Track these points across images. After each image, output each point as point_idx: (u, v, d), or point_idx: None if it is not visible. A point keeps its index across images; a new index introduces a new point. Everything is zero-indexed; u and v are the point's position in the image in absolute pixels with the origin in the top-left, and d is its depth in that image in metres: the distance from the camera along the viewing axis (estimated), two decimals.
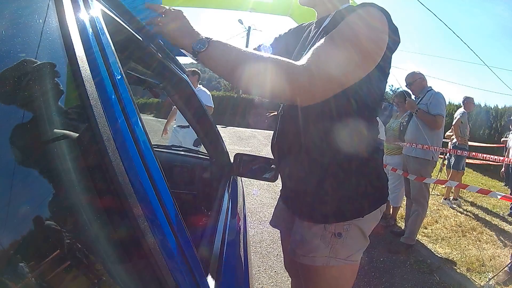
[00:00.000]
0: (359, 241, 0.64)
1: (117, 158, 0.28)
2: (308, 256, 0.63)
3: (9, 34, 0.24)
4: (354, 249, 0.63)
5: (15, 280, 0.21)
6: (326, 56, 0.49)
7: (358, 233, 0.63)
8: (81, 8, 0.33)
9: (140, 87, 0.82)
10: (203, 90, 2.74)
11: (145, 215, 0.28)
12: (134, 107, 0.34)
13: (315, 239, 0.63)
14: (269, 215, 2.58)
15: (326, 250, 0.62)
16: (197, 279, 0.33)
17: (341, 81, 0.51)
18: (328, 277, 0.64)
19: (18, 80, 0.24)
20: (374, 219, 0.65)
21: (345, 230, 0.62)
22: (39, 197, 0.25)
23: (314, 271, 0.64)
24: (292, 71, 0.48)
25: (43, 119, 0.26)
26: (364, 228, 0.64)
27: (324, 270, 0.63)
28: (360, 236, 0.64)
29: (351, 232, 0.62)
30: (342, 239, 0.62)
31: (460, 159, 3.24)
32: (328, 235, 0.62)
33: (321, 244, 0.62)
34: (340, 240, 0.62)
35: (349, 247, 0.62)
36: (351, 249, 0.63)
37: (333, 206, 0.62)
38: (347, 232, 0.62)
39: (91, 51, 0.31)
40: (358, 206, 0.62)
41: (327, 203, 0.62)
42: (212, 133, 0.99)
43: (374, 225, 0.66)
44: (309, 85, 0.48)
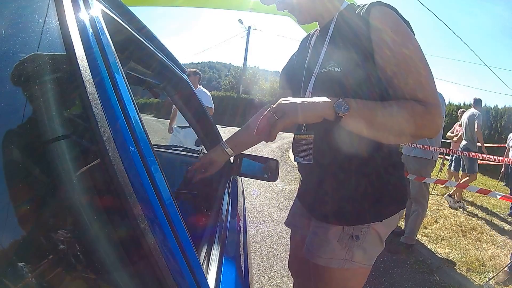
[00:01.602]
0: (375, 245, 0.63)
1: (117, 158, 0.28)
2: (324, 257, 0.63)
3: (9, 34, 0.24)
4: (370, 253, 0.63)
5: (15, 280, 0.21)
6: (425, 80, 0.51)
7: (376, 237, 0.62)
8: (81, 8, 0.33)
9: (140, 87, 0.82)
10: (204, 91, 2.74)
11: (145, 215, 0.28)
12: (134, 107, 0.34)
13: (333, 241, 0.62)
14: (269, 215, 2.58)
15: (343, 252, 0.62)
16: (197, 279, 0.33)
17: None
18: (340, 279, 0.64)
19: (18, 80, 0.24)
20: (392, 224, 0.64)
21: (363, 233, 0.61)
22: (39, 197, 0.25)
23: (328, 272, 0.64)
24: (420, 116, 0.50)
25: (43, 119, 0.26)
26: (381, 232, 0.63)
27: (338, 273, 0.63)
28: (377, 240, 0.63)
29: (368, 236, 0.61)
30: (360, 242, 0.61)
31: (473, 161, 3.17)
32: (346, 237, 0.62)
33: (337, 246, 0.62)
34: (357, 243, 0.61)
35: (365, 251, 0.62)
36: (366, 252, 0.62)
37: (353, 209, 0.61)
38: (364, 236, 0.61)
39: (91, 51, 0.31)
40: (378, 210, 0.61)
41: (347, 206, 0.62)
42: (212, 133, 0.98)
43: (391, 230, 0.65)
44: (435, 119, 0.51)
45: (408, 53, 0.51)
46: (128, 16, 0.49)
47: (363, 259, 0.62)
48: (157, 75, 0.77)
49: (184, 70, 0.85)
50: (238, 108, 11.48)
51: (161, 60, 0.65)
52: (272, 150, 5.83)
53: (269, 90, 17.46)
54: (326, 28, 0.63)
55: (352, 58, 0.55)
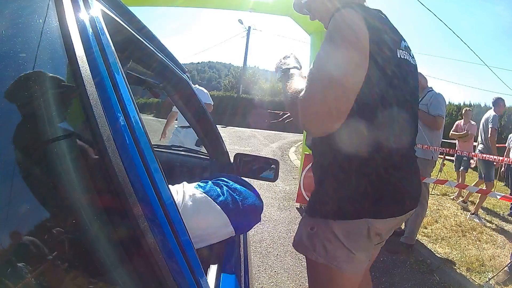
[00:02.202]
0: (336, 246, 0.62)
1: (117, 158, 0.28)
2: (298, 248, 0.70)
3: (9, 34, 0.24)
4: (333, 251, 0.62)
5: (15, 280, 0.21)
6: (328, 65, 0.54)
7: (332, 235, 0.62)
8: (81, 8, 0.33)
9: (140, 87, 0.82)
10: (200, 89, 2.74)
11: (145, 215, 0.28)
12: (134, 107, 0.34)
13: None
14: (269, 215, 2.58)
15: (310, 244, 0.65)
16: (197, 279, 0.33)
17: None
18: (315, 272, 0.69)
19: (18, 80, 0.24)
20: (354, 228, 0.62)
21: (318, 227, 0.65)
22: (39, 197, 0.25)
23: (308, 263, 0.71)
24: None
25: (43, 119, 0.26)
26: (339, 231, 0.62)
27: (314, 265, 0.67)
28: (334, 239, 0.62)
29: (320, 231, 0.64)
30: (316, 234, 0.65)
31: (490, 168, 2.85)
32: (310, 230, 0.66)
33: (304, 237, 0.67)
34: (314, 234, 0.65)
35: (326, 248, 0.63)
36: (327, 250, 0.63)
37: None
38: (318, 229, 0.65)
39: (91, 51, 0.31)
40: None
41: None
42: (212, 133, 0.99)
43: (357, 237, 0.62)
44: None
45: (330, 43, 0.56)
46: (128, 16, 0.49)
47: (331, 257, 0.63)
48: (157, 75, 0.77)
49: (184, 70, 0.85)
50: (238, 108, 11.48)
51: (161, 60, 0.65)
52: (272, 150, 5.83)
53: (269, 90, 17.44)
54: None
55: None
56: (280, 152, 5.80)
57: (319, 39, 3.13)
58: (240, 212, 0.57)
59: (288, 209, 2.78)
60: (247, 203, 0.58)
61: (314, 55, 0.59)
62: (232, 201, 0.57)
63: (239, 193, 0.60)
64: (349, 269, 0.64)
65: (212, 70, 65.63)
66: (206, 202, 0.55)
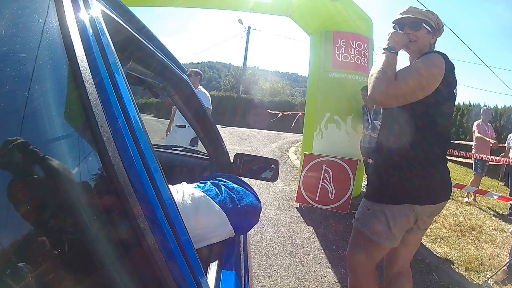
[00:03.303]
0: (382, 224, 0.91)
1: (117, 158, 0.28)
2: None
3: (9, 34, 0.24)
4: (374, 228, 0.92)
5: (15, 280, 0.21)
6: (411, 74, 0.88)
7: (382, 216, 0.91)
8: (81, 8, 0.33)
9: (140, 87, 0.82)
10: (203, 92, 2.74)
11: (145, 215, 0.28)
12: (134, 107, 0.34)
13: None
14: (269, 215, 2.58)
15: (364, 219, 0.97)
16: (197, 279, 0.33)
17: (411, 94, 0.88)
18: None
19: (18, 80, 0.24)
20: (399, 211, 0.90)
21: (373, 209, 0.93)
22: (39, 197, 0.25)
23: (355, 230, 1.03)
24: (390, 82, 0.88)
25: (43, 119, 0.26)
26: (389, 213, 0.90)
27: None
28: (384, 220, 0.91)
29: (376, 212, 0.92)
30: (370, 213, 0.94)
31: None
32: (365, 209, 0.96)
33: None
34: (369, 213, 0.94)
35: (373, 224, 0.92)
36: (374, 226, 0.92)
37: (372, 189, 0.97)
38: (373, 211, 0.93)
39: (91, 51, 0.31)
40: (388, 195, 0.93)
41: (381, 189, 0.95)
42: (212, 133, 0.98)
43: (403, 219, 0.91)
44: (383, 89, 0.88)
45: (420, 65, 0.89)
46: (128, 16, 0.48)
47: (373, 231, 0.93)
48: (157, 75, 0.76)
49: (184, 70, 0.85)
50: (238, 108, 11.46)
51: (161, 60, 0.64)
52: (272, 150, 5.83)
53: (269, 90, 17.44)
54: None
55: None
56: (280, 152, 5.80)
57: (318, 39, 3.13)
58: (238, 211, 0.57)
59: (288, 209, 2.78)
60: (245, 202, 0.59)
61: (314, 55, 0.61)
62: (230, 200, 0.57)
63: (237, 193, 0.60)
64: (384, 243, 0.94)
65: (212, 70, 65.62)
66: (205, 202, 0.55)
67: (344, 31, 3.01)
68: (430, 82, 0.86)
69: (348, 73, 3.01)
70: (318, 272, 1.78)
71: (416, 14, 0.96)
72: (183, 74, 0.82)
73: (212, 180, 0.65)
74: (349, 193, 2.68)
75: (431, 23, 0.96)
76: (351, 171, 2.69)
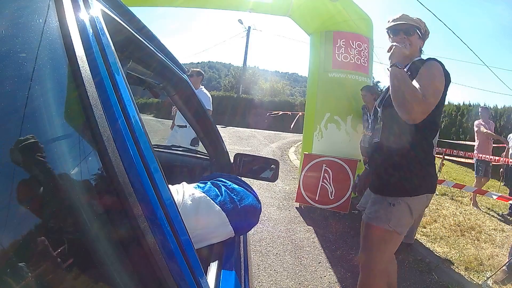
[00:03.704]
0: (405, 216, 1.00)
1: (117, 158, 0.28)
2: (371, 217, 1.05)
3: (9, 34, 0.24)
4: (401, 221, 1.00)
5: (15, 280, 0.21)
6: (430, 88, 0.96)
7: (407, 208, 1.00)
8: (81, 8, 0.33)
9: (140, 87, 0.82)
10: (204, 92, 2.73)
11: (145, 215, 0.28)
12: (134, 107, 0.34)
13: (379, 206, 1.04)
14: (268, 215, 2.58)
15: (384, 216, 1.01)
16: (197, 279, 0.33)
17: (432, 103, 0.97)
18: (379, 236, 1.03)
19: (18, 80, 0.24)
20: (421, 202, 1.03)
21: (397, 203, 1.00)
22: (39, 197, 0.25)
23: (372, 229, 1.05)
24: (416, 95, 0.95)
25: (43, 119, 0.26)
26: (412, 205, 1.00)
27: (378, 230, 1.02)
28: (408, 212, 1.00)
29: (400, 206, 1.00)
30: (395, 209, 1.00)
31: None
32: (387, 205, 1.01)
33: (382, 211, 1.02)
34: (393, 209, 1.00)
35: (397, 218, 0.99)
36: (398, 220, 0.99)
37: (392, 185, 1.03)
38: (398, 205, 1.00)
39: (91, 51, 0.31)
40: (408, 189, 1.01)
41: (404, 184, 1.02)
42: (212, 133, 0.99)
43: (421, 207, 1.06)
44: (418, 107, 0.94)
45: (428, 76, 0.98)
46: (128, 16, 0.48)
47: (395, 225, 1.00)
48: (157, 75, 0.76)
49: (184, 70, 0.85)
50: (238, 108, 11.46)
51: (161, 60, 0.64)
52: (272, 150, 5.83)
53: (269, 90, 17.42)
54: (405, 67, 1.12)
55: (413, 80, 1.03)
56: (280, 152, 5.80)
57: (319, 39, 3.13)
58: (238, 212, 0.57)
59: (288, 209, 2.78)
60: (245, 203, 0.59)
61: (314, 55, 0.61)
62: (230, 201, 0.57)
63: (237, 193, 0.60)
64: (404, 232, 1.03)
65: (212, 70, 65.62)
66: (205, 202, 0.55)
67: (344, 31, 3.01)
68: (442, 90, 0.99)
69: (348, 73, 3.01)
70: (318, 271, 1.78)
71: (408, 20, 1.06)
72: (183, 74, 0.82)
73: (212, 180, 0.65)
74: (349, 193, 2.68)
75: (421, 29, 1.07)
76: (351, 171, 2.69)
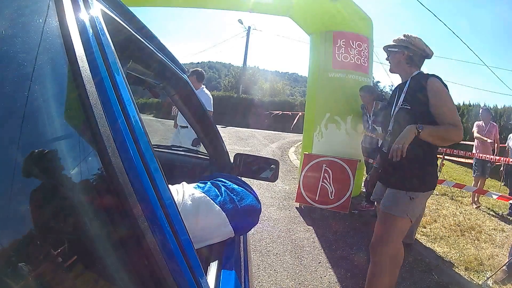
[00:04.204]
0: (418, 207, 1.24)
1: (117, 158, 0.28)
2: (394, 209, 1.22)
3: (9, 34, 0.24)
4: (415, 211, 1.23)
5: (15, 280, 0.21)
6: (452, 114, 1.18)
7: (423, 201, 1.29)
8: (81, 8, 0.33)
9: (140, 87, 0.82)
10: (205, 93, 2.71)
11: (145, 215, 0.28)
12: (134, 107, 0.34)
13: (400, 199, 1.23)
14: (268, 214, 2.58)
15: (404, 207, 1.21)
16: (197, 279, 0.33)
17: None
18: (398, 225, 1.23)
19: (18, 80, 0.24)
20: (429, 194, 1.28)
21: (416, 197, 1.20)
22: (39, 197, 0.25)
23: (393, 219, 1.23)
24: (453, 132, 1.17)
25: (43, 119, 0.26)
26: (427, 198, 1.30)
27: (399, 220, 1.21)
28: (423, 203, 1.30)
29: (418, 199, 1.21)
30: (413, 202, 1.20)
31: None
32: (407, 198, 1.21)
33: (402, 203, 1.21)
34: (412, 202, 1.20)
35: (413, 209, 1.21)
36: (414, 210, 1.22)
37: (410, 181, 1.22)
38: (417, 198, 1.21)
39: (91, 51, 0.31)
40: (421, 185, 1.22)
41: (422, 181, 1.22)
42: (212, 133, 0.99)
43: (426, 199, 1.36)
44: (459, 132, 1.16)
45: (443, 103, 1.18)
46: (128, 16, 0.48)
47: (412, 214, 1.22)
48: (157, 75, 0.76)
49: (184, 70, 0.85)
50: (238, 108, 11.45)
51: (161, 60, 0.64)
52: (272, 150, 5.83)
53: (269, 90, 17.41)
54: (404, 84, 1.31)
55: (415, 101, 1.22)
56: (280, 152, 5.80)
57: (319, 39, 3.13)
58: (238, 212, 0.57)
59: (288, 209, 2.78)
60: (244, 203, 0.59)
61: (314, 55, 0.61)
62: (230, 201, 0.57)
63: (237, 194, 0.60)
64: (414, 219, 1.25)
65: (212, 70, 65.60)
66: (205, 202, 0.55)
67: (344, 31, 3.01)
68: (454, 105, 1.22)
69: (348, 73, 3.01)
70: (318, 271, 1.78)
71: (397, 42, 1.32)
72: (183, 74, 0.82)
73: (212, 180, 0.65)
74: (349, 193, 2.68)
75: (410, 47, 1.29)
76: (351, 171, 2.69)
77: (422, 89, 1.19)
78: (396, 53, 1.29)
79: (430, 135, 1.14)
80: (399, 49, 1.28)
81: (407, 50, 1.26)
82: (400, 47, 1.28)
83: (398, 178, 1.22)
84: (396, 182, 1.23)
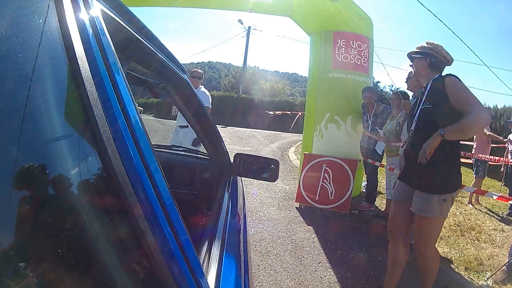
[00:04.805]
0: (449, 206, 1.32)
1: (117, 158, 0.28)
2: (427, 212, 1.30)
3: (9, 34, 0.24)
4: (447, 209, 1.32)
5: (15, 280, 0.21)
6: (467, 101, 1.24)
7: (452, 200, 1.32)
8: (81, 8, 0.33)
9: (140, 87, 0.82)
10: (203, 91, 2.74)
11: (145, 215, 0.28)
12: (134, 107, 0.34)
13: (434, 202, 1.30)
14: (268, 215, 2.58)
15: (438, 208, 1.29)
16: (197, 279, 0.33)
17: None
18: (434, 225, 1.33)
19: (18, 80, 0.24)
20: (455, 194, 1.35)
21: (447, 198, 1.29)
22: (39, 197, 0.25)
23: (428, 220, 1.32)
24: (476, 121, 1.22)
25: (43, 119, 0.26)
26: (453, 197, 1.33)
27: (434, 220, 1.31)
28: (451, 202, 1.32)
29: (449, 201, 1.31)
30: (446, 203, 1.29)
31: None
32: (441, 201, 1.29)
33: (436, 205, 1.29)
34: (445, 203, 1.29)
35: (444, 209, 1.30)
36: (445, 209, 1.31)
37: (440, 184, 1.30)
38: (448, 199, 1.29)
39: (91, 51, 0.31)
40: (450, 186, 1.31)
41: (451, 183, 1.32)
42: (212, 133, 0.99)
43: (455, 197, 1.37)
44: (479, 116, 1.21)
45: (459, 93, 1.25)
46: (128, 16, 0.48)
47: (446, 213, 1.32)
48: (157, 75, 0.76)
49: (184, 70, 0.85)
50: (238, 108, 11.46)
51: (161, 60, 0.64)
52: (272, 150, 5.83)
53: (269, 90, 17.41)
54: (426, 87, 1.39)
55: (436, 100, 1.30)
56: (280, 152, 5.80)
57: (319, 39, 3.13)
58: None
59: (288, 209, 2.78)
60: None
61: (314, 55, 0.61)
62: None
63: None
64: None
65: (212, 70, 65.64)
66: None
67: (344, 31, 3.01)
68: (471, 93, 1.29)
69: (348, 73, 3.01)
70: (318, 272, 1.78)
71: (421, 48, 1.41)
72: (183, 74, 0.82)
73: None
74: (349, 193, 2.68)
75: (432, 54, 1.37)
76: (351, 171, 2.69)
77: (441, 88, 1.27)
78: (419, 59, 1.37)
79: (454, 132, 1.20)
80: (422, 55, 1.36)
81: (429, 56, 1.35)
82: (423, 53, 1.36)
83: (429, 183, 1.29)
84: (428, 187, 1.30)
